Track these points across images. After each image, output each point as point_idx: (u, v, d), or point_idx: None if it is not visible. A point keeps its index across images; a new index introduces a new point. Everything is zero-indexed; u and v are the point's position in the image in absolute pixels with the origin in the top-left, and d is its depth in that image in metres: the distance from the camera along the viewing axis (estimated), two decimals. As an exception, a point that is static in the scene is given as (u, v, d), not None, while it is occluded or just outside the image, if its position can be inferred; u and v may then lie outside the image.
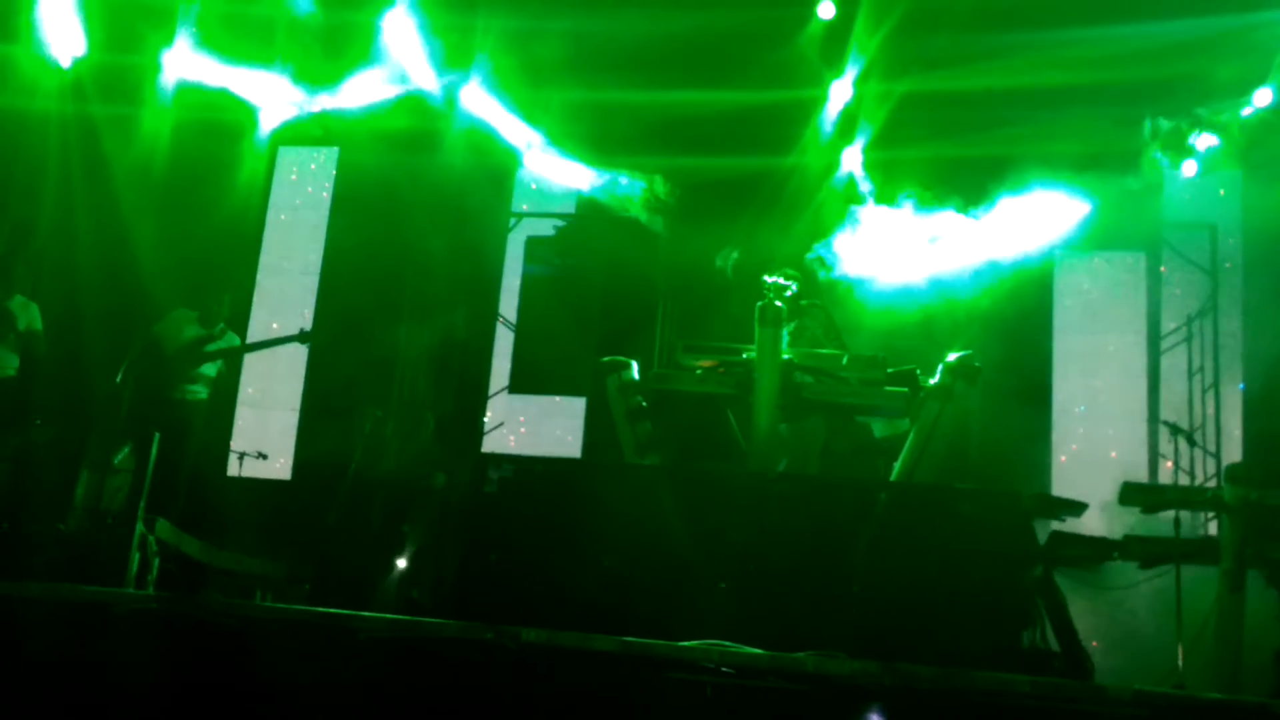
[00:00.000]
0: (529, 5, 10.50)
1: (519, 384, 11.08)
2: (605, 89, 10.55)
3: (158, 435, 6.42)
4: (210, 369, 8.16)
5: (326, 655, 4.57)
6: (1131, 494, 7.01)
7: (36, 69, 10.35)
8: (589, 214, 11.16)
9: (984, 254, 9.50)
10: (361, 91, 11.06)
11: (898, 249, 9.43)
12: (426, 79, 11.45)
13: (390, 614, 5.21)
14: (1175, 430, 8.02)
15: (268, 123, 11.16)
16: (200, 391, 8.18)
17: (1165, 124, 9.68)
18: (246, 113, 11.04)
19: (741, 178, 9.91)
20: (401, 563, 8.47)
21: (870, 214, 9.69)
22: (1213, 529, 8.10)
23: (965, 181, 9.69)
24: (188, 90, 10.42)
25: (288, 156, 12.19)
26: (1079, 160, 9.45)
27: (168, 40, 9.99)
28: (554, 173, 11.15)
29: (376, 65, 11.09)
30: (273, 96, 11.03)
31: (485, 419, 11.14)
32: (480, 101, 10.37)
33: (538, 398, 11.09)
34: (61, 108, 10.57)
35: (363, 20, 10.72)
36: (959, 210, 9.48)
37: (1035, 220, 9.56)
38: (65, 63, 9.96)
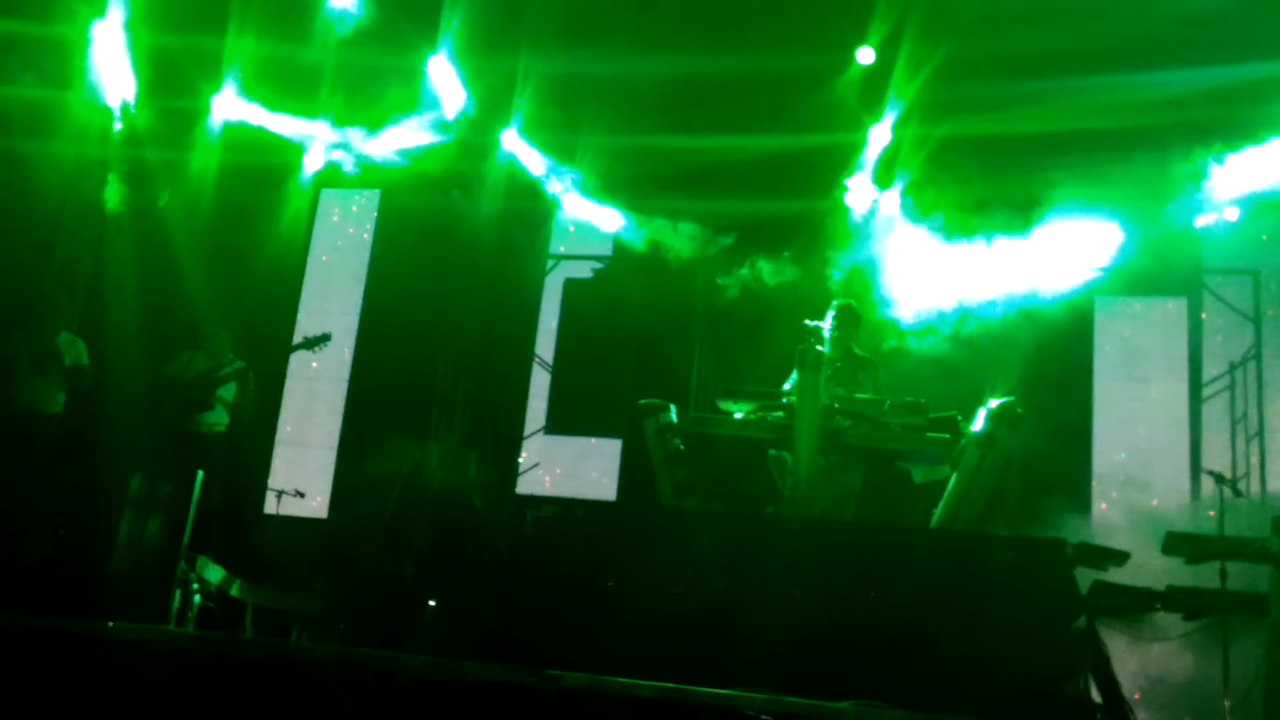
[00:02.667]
0: (569, 52, 10.64)
1: (555, 425, 11.11)
2: (644, 134, 10.66)
3: (201, 474, 6.48)
4: (226, 392, 8.24)
5: (365, 696, 4.58)
6: (1176, 544, 6.90)
7: (88, 114, 10.58)
8: (626, 256, 11.22)
9: (1021, 284, 9.48)
10: (403, 135, 11.22)
11: (932, 277, 9.46)
12: (467, 123, 11.62)
13: (427, 654, 5.22)
14: (1219, 479, 7.90)
15: (311, 165, 11.36)
16: (219, 422, 8.25)
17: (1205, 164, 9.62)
18: (291, 155, 11.23)
19: (780, 220, 9.95)
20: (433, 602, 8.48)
21: (905, 242, 9.71)
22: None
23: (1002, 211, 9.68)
24: (235, 133, 10.61)
25: (330, 198, 12.39)
26: (1119, 203, 9.42)
27: (216, 86, 10.18)
28: (592, 216, 11.25)
29: (418, 109, 11.26)
30: (316, 139, 11.22)
31: (521, 460, 11.17)
32: (519, 146, 10.49)
33: (574, 439, 11.12)
34: (112, 151, 10.80)
35: (406, 66, 10.90)
36: (999, 232, 9.47)
37: (1073, 250, 9.53)
38: (115, 107, 10.17)
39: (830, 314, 7.30)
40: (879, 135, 9.64)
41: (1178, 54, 10.34)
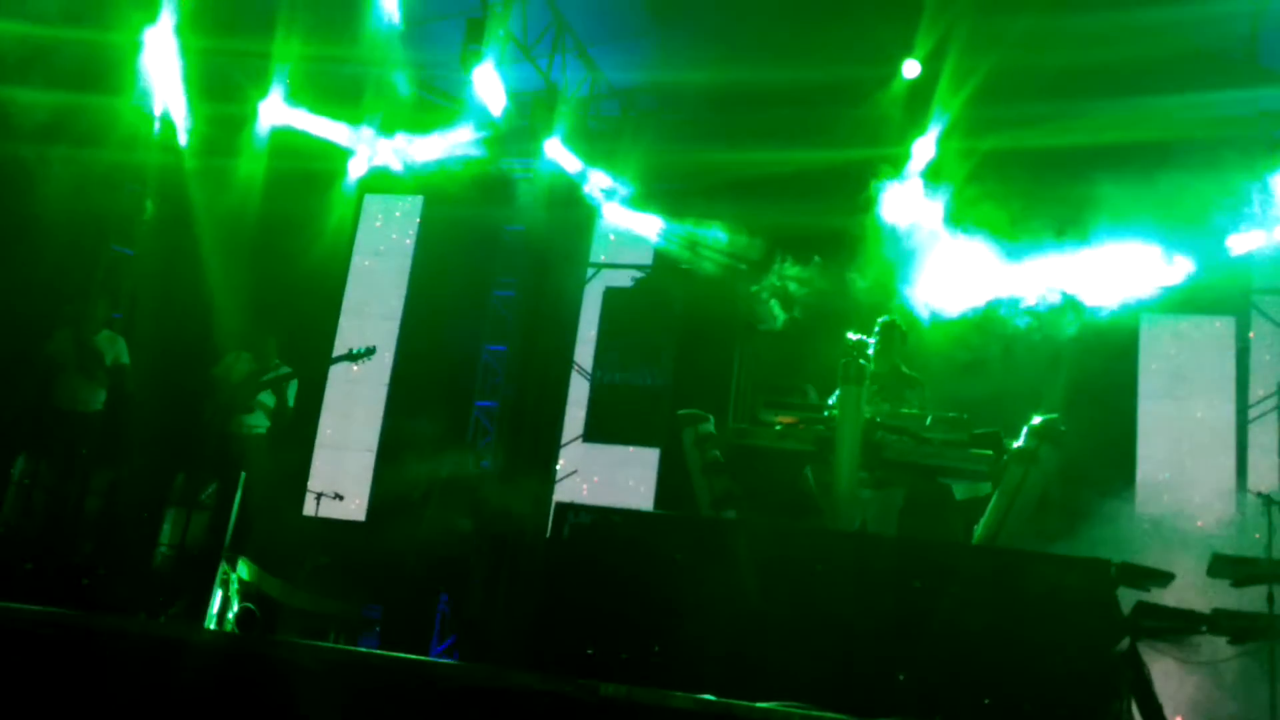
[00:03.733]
0: (613, 61, 10.69)
1: (593, 433, 11.12)
2: (688, 145, 10.68)
3: (244, 475, 6.53)
4: (267, 398, 8.30)
5: (403, 702, 4.59)
6: (1222, 566, 6.81)
7: (137, 118, 10.73)
8: (667, 265, 11.22)
9: (1066, 300, 9.42)
10: (447, 142, 11.30)
11: (975, 290, 9.43)
12: (511, 132, 11.68)
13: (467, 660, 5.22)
14: (1267, 501, 7.77)
15: (355, 170, 11.45)
16: (259, 424, 8.31)
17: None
18: (337, 160, 11.33)
19: (824, 233, 9.92)
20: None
21: (949, 254, 9.66)
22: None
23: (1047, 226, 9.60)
24: (281, 138, 10.71)
25: (373, 204, 12.48)
26: (1166, 221, 9.32)
27: (263, 92, 10.28)
28: (632, 224, 11.26)
29: (463, 116, 11.32)
30: (361, 145, 11.31)
31: (559, 466, 11.19)
32: (561, 155, 10.52)
33: (611, 447, 11.12)
34: (160, 157, 10.94)
35: (450, 76, 10.97)
36: (1043, 247, 9.41)
37: (1118, 267, 9.45)
38: (164, 112, 10.30)
39: (876, 330, 7.25)
40: (924, 148, 9.57)
41: (1226, 70, 10.26)
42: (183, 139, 10.38)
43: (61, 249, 10.16)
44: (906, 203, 9.87)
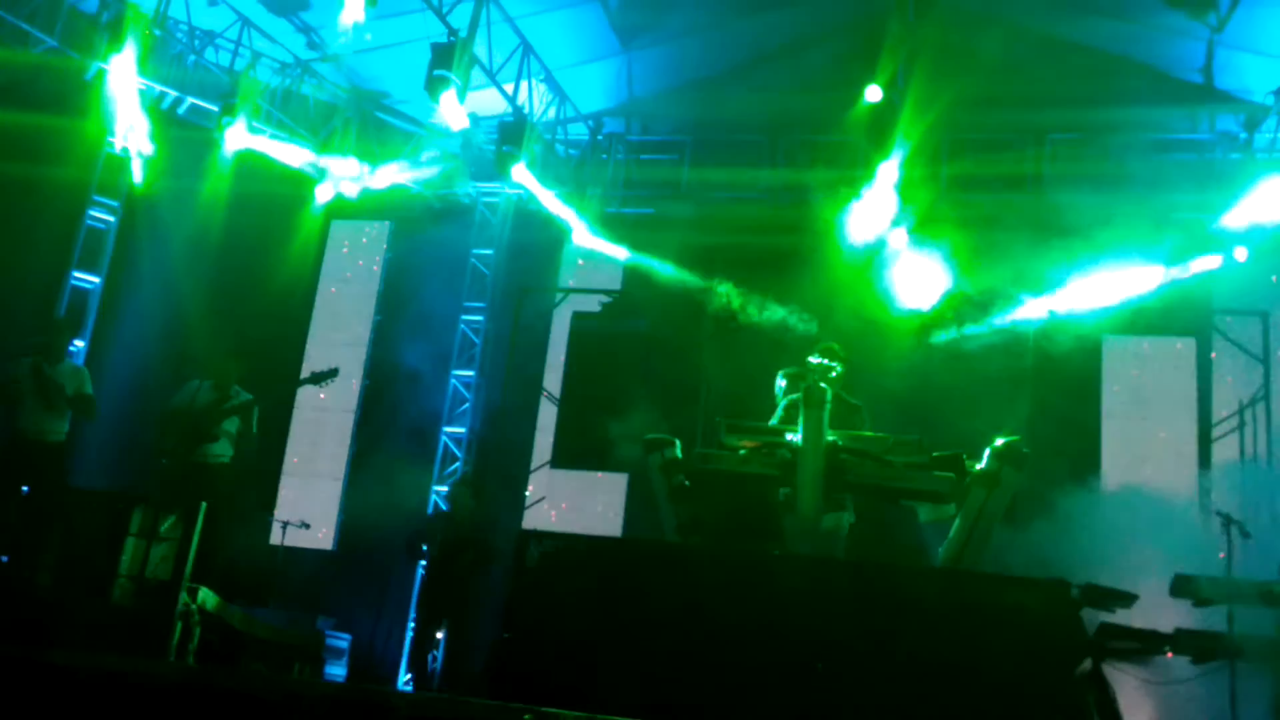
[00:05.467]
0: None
1: (561, 459, 11.08)
2: (653, 169, 10.73)
3: (205, 505, 6.46)
4: (230, 425, 8.23)
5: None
6: (1184, 586, 6.85)
7: (100, 142, 10.69)
8: (635, 290, 11.24)
9: (1029, 319, 9.53)
10: (414, 167, 11.32)
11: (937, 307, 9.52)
12: (478, 157, 11.71)
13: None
14: (1228, 521, 7.84)
15: (322, 196, 11.44)
16: (224, 452, 8.23)
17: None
18: (303, 186, 11.32)
19: (786, 255, 9.98)
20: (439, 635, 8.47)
21: (913, 274, 9.74)
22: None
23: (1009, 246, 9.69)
24: (246, 163, 10.69)
25: (340, 230, 12.45)
26: (1129, 242, 9.42)
27: (230, 115, 10.26)
28: (600, 248, 11.28)
29: (430, 142, 11.35)
30: (328, 171, 11.31)
31: (527, 493, 11.15)
32: (528, 179, 10.53)
33: (580, 473, 11.09)
34: (123, 179, 10.90)
35: (415, 101, 10.99)
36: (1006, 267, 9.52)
37: (1081, 288, 9.57)
38: (127, 136, 10.27)
39: (816, 358, 7.21)
40: (887, 171, 9.65)
41: (1182, 92, 10.44)
42: (138, 176, 10.34)
43: (22, 275, 10.10)
44: (868, 220, 9.91)
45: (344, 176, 11.29)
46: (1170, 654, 6.79)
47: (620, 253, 11.23)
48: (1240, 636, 6.72)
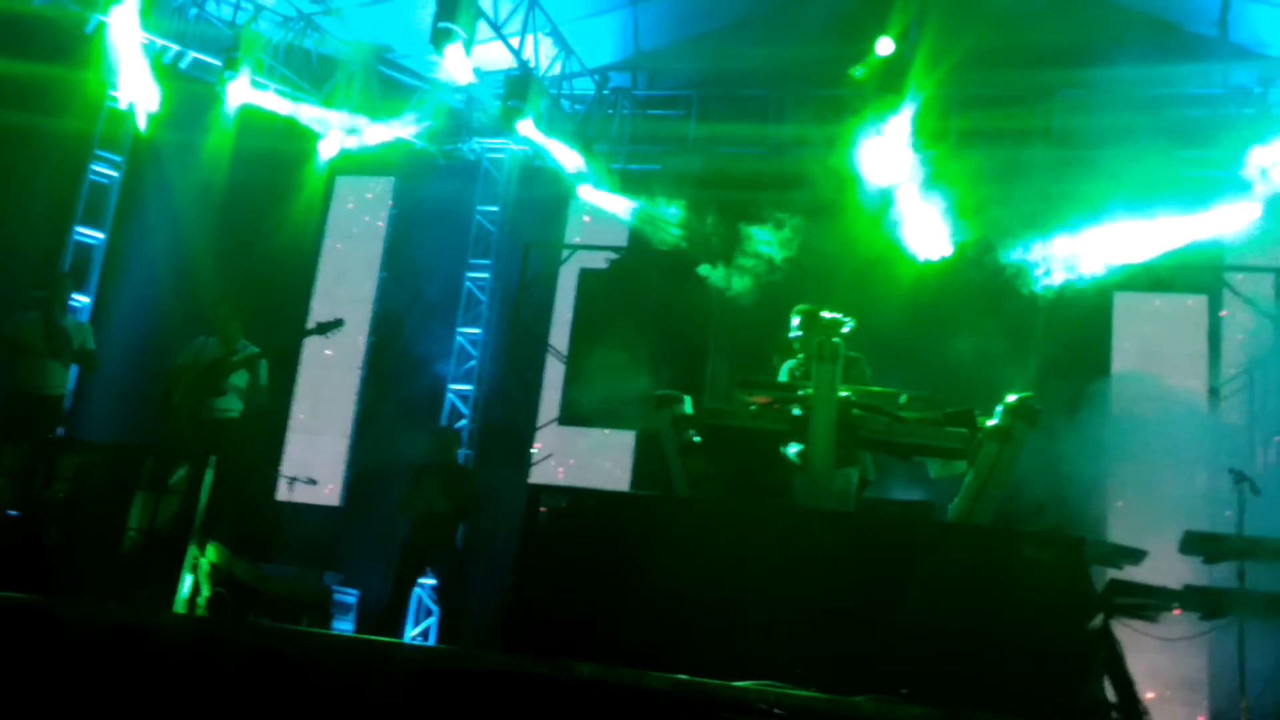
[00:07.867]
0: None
1: (569, 416, 11.06)
2: (661, 123, 10.61)
3: (214, 458, 6.44)
4: (239, 379, 8.21)
5: (375, 684, 4.55)
6: (1193, 543, 6.83)
7: (102, 95, 10.58)
8: (642, 247, 11.16)
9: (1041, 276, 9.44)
10: (418, 122, 11.21)
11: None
12: (483, 112, 11.60)
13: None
14: (1239, 478, 7.80)
15: (326, 151, 11.34)
16: (232, 407, 8.22)
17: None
18: (307, 141, 11.22)
19: (795, 200, 9.89)
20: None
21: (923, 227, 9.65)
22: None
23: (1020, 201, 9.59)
24: (249, 118, 10.59)
25: (345, 185, 12.37)
26: (1141, 198, 9.32)
27: (232, 69, 10.15)
28: (607, 204, 11.19)
29: (434, 96, 11.23)
30: (332, 125, 11.21)
31: (534, 450, 11.14)
32: (534, 135, 10.42)
33: (587, 430, 11.07)
34: (126, 133, 10.79)
35: (420, 55, 10.88)
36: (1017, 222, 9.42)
37: (1092, 243, 9.47)
38: (131, 89, 10.16)
39: (796, 319, 7.15)
40: (898, 124, 9.53)
41: (1196, 46, 10.30)
42: (142, 124, 10.22)
43: (26, 229, 10.04)
44: (879, 173, 9.78)
45: (347, 131, 11.18)
46: (1178, 610, 6.80)
47: (625, 209, 11.13)
48: (1249, 592, 6.72)
